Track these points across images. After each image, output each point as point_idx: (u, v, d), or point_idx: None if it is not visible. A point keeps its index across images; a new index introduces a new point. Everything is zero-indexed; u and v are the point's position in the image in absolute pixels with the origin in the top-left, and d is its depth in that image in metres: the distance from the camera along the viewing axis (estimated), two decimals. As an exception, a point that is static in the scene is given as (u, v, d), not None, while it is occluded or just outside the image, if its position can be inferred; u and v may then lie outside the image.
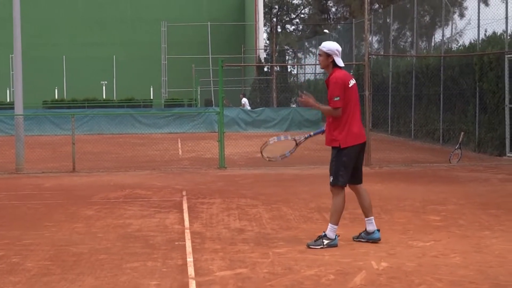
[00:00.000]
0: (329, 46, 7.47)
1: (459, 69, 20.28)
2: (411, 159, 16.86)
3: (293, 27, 70.58)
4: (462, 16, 28.70)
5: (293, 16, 70.45)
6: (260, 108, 32.03)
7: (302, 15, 70.24)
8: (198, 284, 5.94)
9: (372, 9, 41.26)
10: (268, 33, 62.71)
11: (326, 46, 7.48)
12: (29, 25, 42.50)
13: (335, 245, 7.29)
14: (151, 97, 44.99)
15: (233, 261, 6.73)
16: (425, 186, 12.25)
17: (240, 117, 30.05)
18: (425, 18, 30.58)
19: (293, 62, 54.59)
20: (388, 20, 29.71)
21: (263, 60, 46.89)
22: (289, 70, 51.75)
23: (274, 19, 65.89)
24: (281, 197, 11.07)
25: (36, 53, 46.46)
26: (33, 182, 13.70)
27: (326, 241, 7.27)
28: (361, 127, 7.50)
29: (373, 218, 7.53)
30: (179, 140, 23.56)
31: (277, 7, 68.61)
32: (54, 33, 49.41)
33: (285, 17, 69.98)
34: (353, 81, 7.50)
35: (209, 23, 47.99)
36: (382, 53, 30.62)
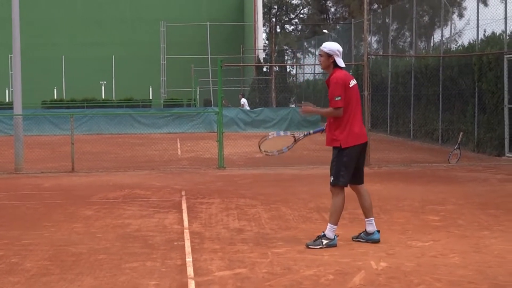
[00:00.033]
0: (330, 47, 7.48)
1: (458, 69, 20.28)
2: (410, 159, 16.87)
3: (292, 27, 70.61)
4: (461, 16, 28.68)
5: (292, 16, 70.47)
6: (259, 108, 32.03)
7: (301, 15, 70.28)
8: (197, 284, 5.94)
9: (371, 9, 41.28)
10: (267, 33, 62.72)
11: (327, 47, 7.48)
12: (28, 25, 42.53)
13: (334, 245, 7.29)
14: (150, 97, 44.96)
15: (232, 261, 6.73)
16: (424, 186, 12.25)
17: (239, 117, 30.07)
18: (424, 18, 30.59)
19: (292, 62, 54.59)
20: (387, 20, 29.71)
21: (262, 60, 46.92)
22: (288, 70, 51.80)
23: (273, 19, 65.90)
24: (280, 197, 11.07)
25: (35, 53, 46.46)
26: (32, 182, 13.70)
27: (325, 241, 7.27)
28: (362, 127, 7.51)
29: (373, 219, 7.53)
30: (178, 140, 23.56)
31: (276, 7, 68.61)
32: (53, 33, 49.37)
33: (284, 17, 69.98)
34: (354, 82, 7.50)
35: (208, 23, 47.99)
36: (381, 53, 30.63)
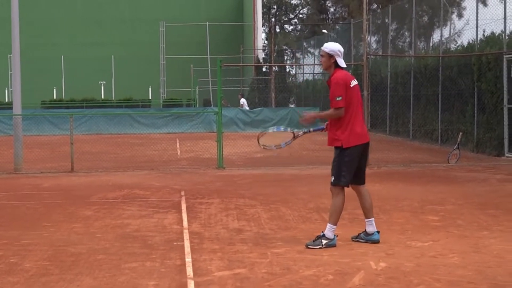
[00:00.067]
0: (331, 47, 7.48)
1: (457, 70, 20.28)
2: (410, 159, 16.86)
3: (291, 27, 70.59)
4: (460, 16, 28.67)
5: (292, 16, 70.46)
6: (258, 108, 32.05)
7: (300, 15, 70.27)
8: (196, 284, 5.94)
9: (370, 9, 41.28)
10: (266, 33, 62.71)
11: (328, 47, 7.49)
12: (28, 25, 42.51)
13: (334, 245, 7.29)
14: (150, 97, 44.97)
15: (231, 261, 6.73)
16: (424, 186, 12.25)
17: (238, 117, 30.08)
18: (424, 18, 30.57)
19: (292, 62, 54.57)
20: (386, 20, 29.70)
21: (261, 60, 46.94)
22: (287, 70, 51.79)
23: (273, 19, 65.89)
24: (280, 197, 11.07)
25: (35, 53, 46.50)
26: (32, 182, 13.69)
27: (324, 241, 7.27)
28: (364, 127, 7.52)
29: (373, 220, 7.53)
30: (178, 140, 23.56)
31: (275, 7, 68.60)
32: (52, 33, 49.36)
33: (283, 17, 69.98)
34: (355, 82, 7.50)
35: (208, 23, 48.00)
36: (381, 53, 30.63)
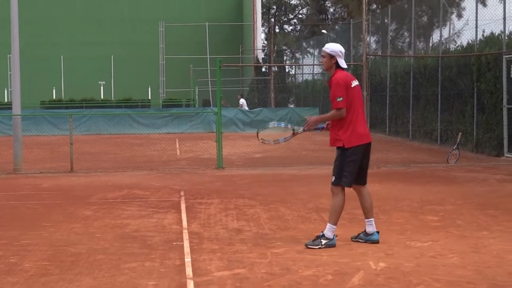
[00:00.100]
0: (332, 48, 7.49)
1: (457, 70, 20.29)
2: (409, 160, 16.86)
3: (291, 27, 70.61)
4: (460, 16, 28.65)
5: (291, 16, 70.48)
6: (258, 109, 32.05)
7: (300, 16, 70.29)
8: (196, 284, 5.94)
9: (370, 10, 41.27)
10: (266, 34, 62.71)
11: (330, 48, 7.49)
12: (27, 25, 42.48)
13: (333, 245, 7.29)
14: (149, 97, 44.96)
15: (231, 261, 6.73)
16: (423, 187, 12.25)
17: (238, 117, 30.09)
18: (423, 18, 30.56)
19: (291, 63, 54.57)
20: (386, 21, 29.70)
21: (261, 61, 46.92)
22: (287, 71, 51.77)
23: (272, 20, 65.90)
24: (279, 197, 11.07)
25: (34, 53, 46.50)
26: (31, 182, 13.69)
27: (324, 241, 7.27)
28: (365, 127, 7.52)
29: (373, 220, 7.53)
30: (177, 141, 23.56)
31: (275, 7, 68.63)
32: (52, 33, 49.34)
33: (283, 17, 70.00)
34: (356, 82, 7.50)
35: (207, 23, 47.99)
36: (380, 53, 30.61)
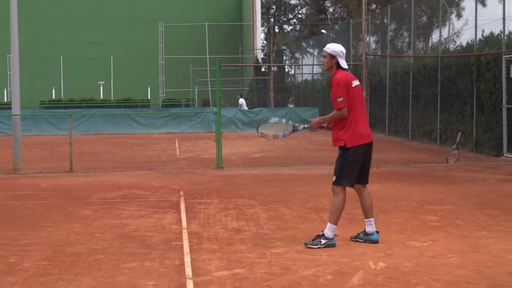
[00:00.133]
0: (333, 48, 7.49)
1: (456, 70, 20.28)
2: (409, 159, 16.86)
3: (290, 27, 70.64)
4: (459, 16, 28.64)
5: (291, 16, 70.50)
6: (257, 108, 32.03)
7: (299, 15, 70.31)
8: (195, 284, 5.94)
9: (369, 10, 41.28)
10: (265, 33, 62.74)
11: (331, 48, 7.50)
12: (27, 25, 42.46)
13: (333, 245, 7.28)
14: (149, 97, 44.96)
15: (230, 261, 6.73)
16: (423, 186, 12.25)
17: (237, 117, 30.07)
18: (423, 18, 30.56)
19: (291, 62, 54.57)
20: (385, 21, 29.69)
21: (260, 60, 46.92)
22: (286, 70, 51.77)
23: (272, 19, 65.95)
24: (279, 197, 11.07)
25: (34, 53, 46.49)
26: (31, 182, 13.69)
27: (323, 241, 7.27)
28: (367, 127, 7.51)
29: (373, 220, 7.53)
30: (177, 140, 23.56)
31: (274, 7, 68.65)
32: (51, 33, 49.34)
33: (282, 17, 70.02)
34: (357, 82, 7.49)
35: (207, 23, 47.98)
36: (380, 53, 30.60)
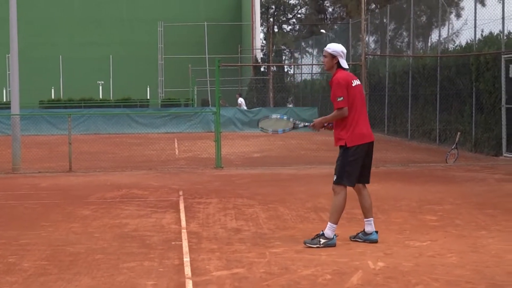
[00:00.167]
0: (334, 48, 7.49)
1: (455, 69, 20.29)
2: (408, 159, 16.87)
3: (289, 27, 70.65)
4: (458, 16, 28.67)
5: (290, 16, 70.50)
6: (256, 108, 32.01)
7: (298, 15, 70.31)
8: (195, 284, 5.94)
9: (368, 9, 41.29)
10: (264, 33, 62.71)
11: (332, 48, 7.50)
12: (26, 25, 42.45)
13: (333, 245, 7.27)
14: (148, 97, 44.96)
15: (229, 261, 6.73)
16: (422, 186, 12.26)
17: (236, 117, 30.06)
18: (422, 18, 30.57)
19: (290, 62, 54.56)
20: (384, 20, 29.70)
21: (259, 60, 46.91)
22: (285, 70, 51.75)
23: (271, 19, 65.91)
24: (278, 197, 11.07)
25: (33, 53, 46.46)
26: (30, 182, 13.68)
27: (323, 240, 7.27)
28: (368, 126, 7.50)
29: (372, 220, 7.52)
30: (176, 140, 23.56)
31: (273, 7, 68.65)
32: (50, 32, 49.31)
33: (281, 17, 70.02)
34: (357, 81, 7.49)
35: (206, 23, 47.97)
36: (379, 53, 30.61)
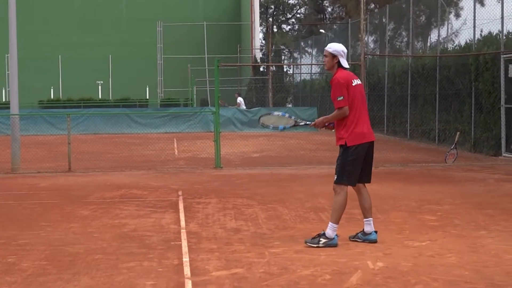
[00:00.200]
0: (335, 47, 7.49)
1: (454, 69, 20.29)
2: (407, 159, 16.87)
3: (289, 27, 70.67)
4: (457, 16, 28.73)
5: (289, 16, 70.52)
6: (256, 108, 32.01)
7: (298, 15, 70.34)
8: (194, 284, 5.93)
9: (368, 9, 41.29)
10: (264, 33, 62.70)
11: (332, 47, 7.50)
12: (25, 25, 42.45)
13: (334, 245, 7.26)
14: (147, 97, 44.97)
15: (229, 261, 6.73)
16: (421, 186, 12.26)
17: (236, 117, 30.05)
18: (421, 18, 30.61)
19: (289, 62, 54.57)
20: (384, 20, 29.72)
21: (259, 60, 46.91)
22: (285, 70, 51.76)
23: (270, 19, 65.96)
24: (277, 197, 11.07)
25: (32, 53, 46.44)
26: (29, 182, 13.67)
27: (323, 240, 7.26)
28: (368, 126, 7.48)
29: (371, 220, 7.52)
30: (175, 140, 23.55)
31: (273, 7, 68.67)
32: (49, 32, 49.32)
33: (281, 17, 70.05)
34: (358, 81, 7.49)
35: (205, 23, 47.98)
36: (378, 53, 30.63)
